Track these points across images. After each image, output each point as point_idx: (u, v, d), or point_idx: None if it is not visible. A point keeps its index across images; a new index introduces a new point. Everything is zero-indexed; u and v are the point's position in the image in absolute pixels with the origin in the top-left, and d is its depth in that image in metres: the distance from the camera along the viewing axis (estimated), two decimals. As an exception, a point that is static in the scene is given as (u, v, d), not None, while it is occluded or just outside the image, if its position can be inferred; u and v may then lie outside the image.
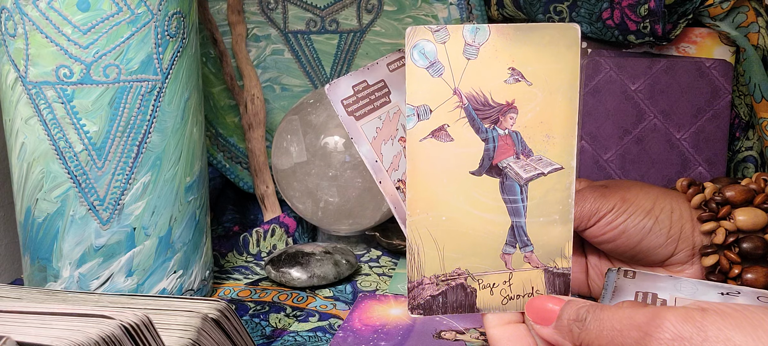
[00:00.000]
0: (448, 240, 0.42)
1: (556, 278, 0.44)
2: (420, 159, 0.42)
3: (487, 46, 0.41)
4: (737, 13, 0.78)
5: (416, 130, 0.41)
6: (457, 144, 0.42)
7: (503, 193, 0.43)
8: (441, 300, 0.43)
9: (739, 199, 0.51)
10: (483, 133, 0.42)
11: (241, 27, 0.87)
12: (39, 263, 0.62)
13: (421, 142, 0.41)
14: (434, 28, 0.41)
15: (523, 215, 0.43)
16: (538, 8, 0.81)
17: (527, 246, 0.43)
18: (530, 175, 0.43)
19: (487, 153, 0.42)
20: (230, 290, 0.73)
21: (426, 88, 0.41)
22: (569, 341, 0.40)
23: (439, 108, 0.41)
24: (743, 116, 0.80)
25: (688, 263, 0.52)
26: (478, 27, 0.41)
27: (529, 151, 0.43)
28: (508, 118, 0.42)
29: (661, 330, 0.35)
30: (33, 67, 0.58)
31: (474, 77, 0.41)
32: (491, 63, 0.41)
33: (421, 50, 0.41)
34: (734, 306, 0.35)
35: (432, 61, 0.41)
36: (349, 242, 0.82)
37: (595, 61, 0.77)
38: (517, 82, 0.42)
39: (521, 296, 0.44)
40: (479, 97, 0.42)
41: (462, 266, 0.43)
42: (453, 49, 0.41)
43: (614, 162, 0.78)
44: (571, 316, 0.40)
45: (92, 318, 0.39)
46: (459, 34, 0.41)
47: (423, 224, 0.42)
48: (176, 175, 0.62)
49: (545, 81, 0.42)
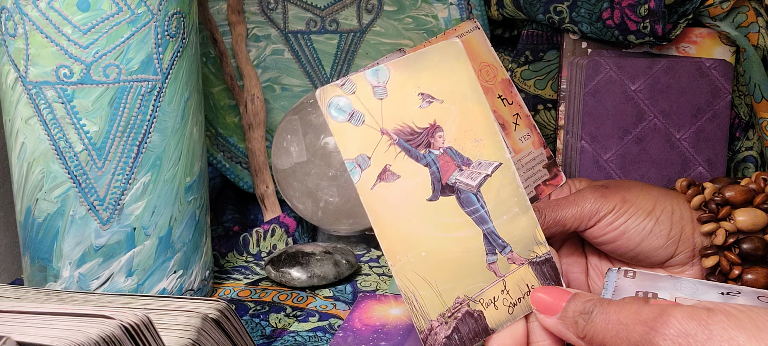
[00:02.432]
0: (437, 273, 0.43)
1: (542, 266, 0.44)
2: (378, 206, 0.43)
3: (392, 82, 0.43)
4: (737, 13, 0.78)
5: (363, 180, 0.43)
6: (404, 179, 0.43)
7: (463, 207, 0.44)
8: (456, 338, 0.43)
9: (738, 199, 0.51)
10: (422, 160, 0.43)
11: (241, 27, 0.86)
12: (39, 263, 0.62)
13: (373, 190, 0.43)
14: (340, 83, 0.43)
15: (489, 219, 0.44)
16: (538, 8, 0.81)
17: (505, 247, 0.44)
18: (478, 180, 0.44)
19: (434, 176, 0.43)
20: (230, 290, 0.73)
21: (356, 139, 0.43)
22: (573, 332, 0.40)
23: (375, 151, 0.43)
24: (743, 116, 0.80)
25: (688, 264, 0.52)
26: (377, 69, 0.43)
27: (467, 160, 0.44)
28: (437, 138, 0.44)
29: (667, 327, 0.36)
30: (33, 67, 0.58)
31: (393, 113, 0.43)
32: (401, 95, 0.43)
33: (336, 106, 0.43)
34: (740, 308, 0.35)
35: (350, 113, 0.43)
36: (349, 242, 0.82)
37: (595, 61, 0.77)
38: (430, 103, 0.44)
39: (521, 298, 0.44)
40: (405, 128, 0.43)
41: (460, 294, 0.43)
42: (364, 95, 0.43)
43: (614, 162, 0.78)
44: (578, 309, 0.40)
45: (92, 318, 0.39)
46: (363, 80, 0.43)
47: (408, 268, 0.42)
48: (176, 175, 0.62)
49: (452, 94, 0.44)
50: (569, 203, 0.51)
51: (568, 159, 0.82)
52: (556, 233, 0.52)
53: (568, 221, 0.51)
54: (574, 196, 0.52)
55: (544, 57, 0.86)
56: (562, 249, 0.56)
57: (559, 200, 0.52)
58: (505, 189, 0.44)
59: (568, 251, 0.56)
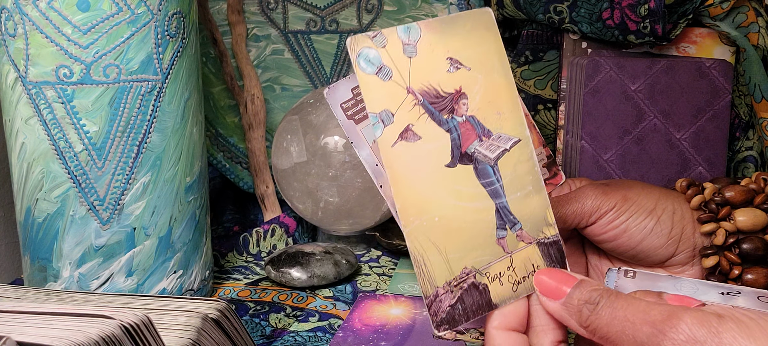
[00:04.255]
0: (447, 240, 0.43)
1: (549, 248, 0.44)
2: (397, 165, 0.42)
3: (423, 42, 0.43)
4: (737, 13, 0.78)
5: (385, 136, 0.42)
6: (425, 141, 0.43)
7: (479, 178, 0.43)
8: (460, 308, 0.43)
9: (738, 199, 0.51)
10: (445, 125, 0.43)
11: (241, 27, 0.86)
12: (39, 263, 0.62)
13: (393, 148, 0.42)
14: (371, 35, 0.42)
15: (503, 194, 0.44)
16: (538, 8, 0.81)
17: (516, 224, 0.44)
18: (496, 153, 0.44)
19: (454, 143, 0.43)
20: (230, 290, 0.73)
21: (382, 94, 0.42)
22: (576, 321, 0.40)
23: (400, 109, 0.42)
24: (743, 116, 0.80)
25: (688, 264, 0.52)
26: (409, 26, 0.43)
27: (488, 132, 0.44)
28: (461, 105, 0.44)
29: (676, 331, 0.35)
30: (33, 67, 0.58)
31: (420, 73, 0.43)
32: (431, 57, 0.43)
33: (366, 58, 0.42)
34: (751, 315, 0.35)
35: (379, 66, 0.42)
36: (349, 242, 0.82)
37: (595, 61, 0.77)
38: (458, 69, 0.44)
39: (526, 277, 0.44)
40: (431, 90, 0.43)
41: (468, 264, 0.43)
42: (394, 51, 0.43)
43: (614, 162, 0.78)
44: (583, 297, 0.39)
45: (92, 318, 0.39)
46: (395, 35, 0.43)
47: (420, 232, 0.42)
48: (176, 175, 0.62)
49: (480, 63, 0.44)
50: (570, 199, 0.51)
51: (568, 159, 0.82)
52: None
53: (568, 217, 0.51)
54: (575, 193, 0.52)
55: (544, 57, 0.86)
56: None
57: (560, 196, 0.52)
58: (522, 166, 0.44)
59: (568, 250, 0.56)
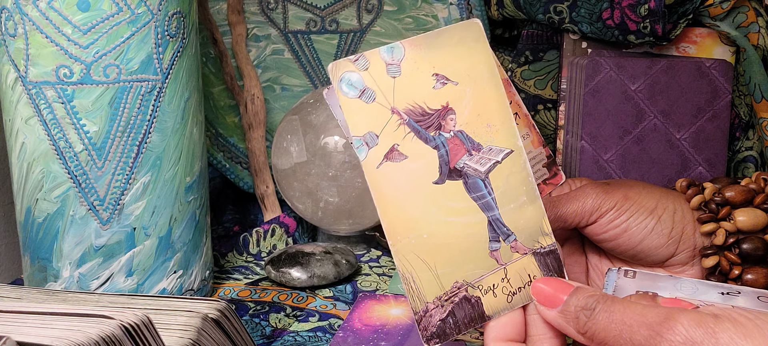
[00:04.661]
0: (437, 256, 0.42)
1: (546, 257, 0.44)
2: (383, 185, 0.42)
3: (407, 60, 0.43)
4: (737, 13, 0.78)
5: (369, 159, 0.42)
6: (411, 159, 0.43)
7: (470, 192, 0.43)
8: (451, 321, 0.42)
9: (738, 199, 0.51)
10: (432, 142, 0.43)
11: (241, 27, 0.86)
12: (39, 263, 0.62)
13: (379, 169, 0.42)
14: (353, 59, 0.42)
15: (495, 206, 0.43)
16: (538, 8, 0.81)
17: (509, 236, 0.43)
18: (487, 166, 0.43)
19: (442, 159, 0.43)
20: (230, 290, 0.73)
21: (365, 116, 0.42)
22: (574, 327, 0.40)
23: (384, 130, 0.42)
24: (743, 116, 0.80)
25: (688, 264, 0.52)
26: (392, 46, 0.43)
27: (477, 145, 0.44)
28: (448, 121, 0.43)
29: (673, 333, 0.35)
30: (33, 67, 0.58)
31: (405, 92, 0.43)
32: (415, 75, 0.43)
33: (348, 82, 0.42)
34: (748, 315, 0.35)
35: (361, 89, 0.42)
36: (349, 242, 0.82)
37: (595, 61, 0.77)
38: (445, 85, 0.43)
39: (522, 287, 0.44)
40: (416, 109, 0.43)
41: (459, 278, 0.43)
42: (377, 73, 0.43)
43: (614, 162, 0.78)
44: (580, 303, 0.39)
45: (92, 318, 0.39)
46: (377, 56, 0.43)
47: (408, 249, 0.42)
48: (176, 175, 0.62)
49: (468, 76, 0.43)
50: (571, 198, 0.51)
51: (568, 159, 0.82)
52: (557, 230, 0.51)
53: (569, 216, 0.51)
54: (575, 192, 0.52)
55: (544, 57, 0.86)
56: (563, 248, 0.56)
57: (561, 196, 0.52)
58: (515, 177, 0.44)
59: (568, 250, 0.56)
